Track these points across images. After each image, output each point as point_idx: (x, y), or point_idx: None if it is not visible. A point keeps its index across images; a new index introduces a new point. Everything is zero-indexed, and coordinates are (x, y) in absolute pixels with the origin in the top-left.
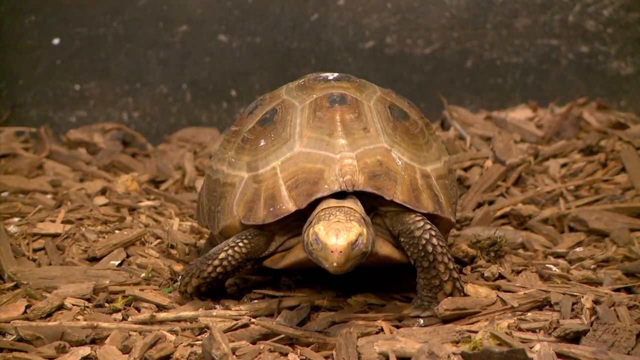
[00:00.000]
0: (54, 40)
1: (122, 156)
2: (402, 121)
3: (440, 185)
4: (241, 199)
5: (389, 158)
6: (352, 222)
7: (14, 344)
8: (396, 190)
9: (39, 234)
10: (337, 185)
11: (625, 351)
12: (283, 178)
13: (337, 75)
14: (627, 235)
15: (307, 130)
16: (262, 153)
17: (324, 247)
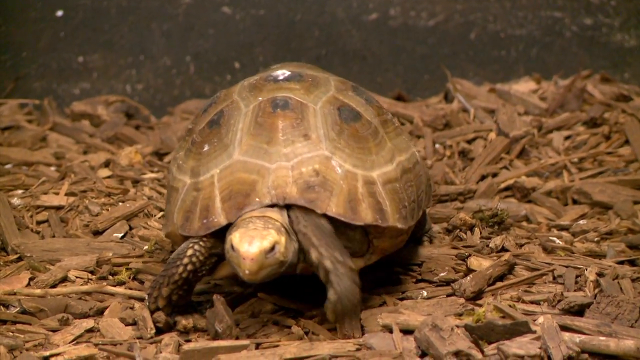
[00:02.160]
0: (57, 12)
1: (125, 128)
2: (350, 123)
3: (388, 191)
4: (181, 207)
5: (328, 167)
6: (269, 230)
7: (18, 316)
8: (330, 203)
9: (43, 206)
10: (268, 199)
11: (629, 324)
12: (219, 188)
13: (289, 75)
14: (630, 207)
15: (247, 137)
16: (205, 159)
17: (237, 253)
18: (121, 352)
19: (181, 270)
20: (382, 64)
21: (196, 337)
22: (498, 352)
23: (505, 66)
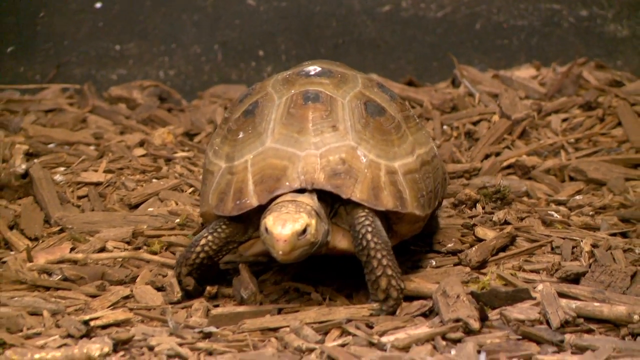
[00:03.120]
0: (96, 4)
1: (158, 111)
2: (376, 117)
3: (408, 180)
4: (216, 189)
5: (354, 156)
6: (300, 214)
7: (60, 283)
8: (355, 189)
9: (83, 182)
10: (298, 183)
11: (621, 291)
12: (252, 172)
13: (320, 70)
14: (622, 184)
15: (279, 126)
16: (239, 145)
17: (271, 235)
18: (154, 317)
19: (194, 256)
20: (394, 52)
21: (223, 303)
22: (501, 317)
23: (507, 54)
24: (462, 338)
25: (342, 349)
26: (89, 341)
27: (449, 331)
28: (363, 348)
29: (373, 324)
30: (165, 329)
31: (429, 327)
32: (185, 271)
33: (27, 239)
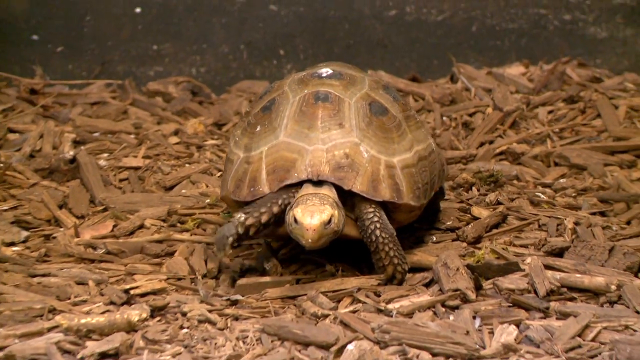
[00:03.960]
0: (136, 9)
1: (191, 104)
2: (379, 116)
3: (405, 174)
4: (234, 176)
5: (357, 151)
6: (325, 206)
7: (103, 256)
8: (356, 181)
9: (124, 167)
10: (305, 174)
11: (600, 263)
12: (266, 163)
13: (331, 73)
14: (601, 169)
15: (292, 122)
16: (256, 137)
17: (300, 226)
18: (186, 286)
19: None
20: (399, 52)
21: (248, 275)
22: (494, 286)
23: (499, 54)
24: (460, 305)
25: (353, 315)
26: (129, 308)
27: (448, 299)
28: (372, 314)
29: (380, 292)
30: (197, 297)
31: (430, 296)
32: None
33: (75, 217)
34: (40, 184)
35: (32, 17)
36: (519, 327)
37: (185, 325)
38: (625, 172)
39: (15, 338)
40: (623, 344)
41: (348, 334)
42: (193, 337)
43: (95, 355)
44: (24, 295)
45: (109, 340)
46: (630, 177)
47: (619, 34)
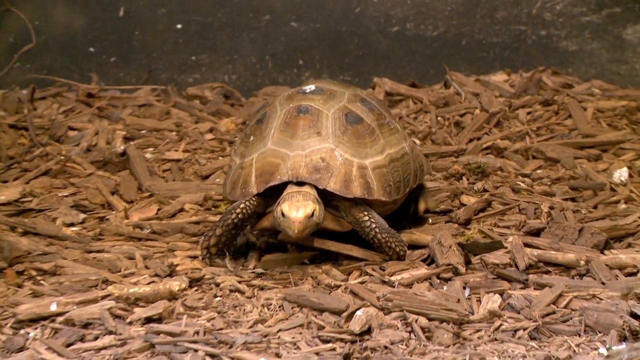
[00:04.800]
0: (177, 25)
1: (224, 106)
2: (354, 125)
3: (376, 174)
4: (231, 180)
5: (332, 156)
6: (308, 201)
7: (149, 235)
8: (330, 181)
9: (167, 159)
10: (286, 177)
11: (571, 242)
12: (255, 168)
13: (314, 89)
14: (572, 161)
15: (277, 132)
16: (250, 146)
17: (287, 219)
18: (218, 263)
19: (234, 216)
20: (401, 62)
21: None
22: (481, 261)
23: (486, 63)
24: (452, 277)
25: (362, 285)
26: (171, 279)
27: (442, 272)
28: (377, 285)
29: (385, 267)
30: (228, 271)
31: (427, 270)
32: (219, 232)
33: (125, 202)
34: (96, 173)
35: (89, 33)
36: (503, 296)
37: (219, 294)
38: (592, 164)
39: (74, 305)
40: (591, 311)
41: (357, 302)
42: (225, 304)
43: (142, 320)
44: (81, 269)
45: (153, 307)
46: (596, 169)
47: (587, 47)
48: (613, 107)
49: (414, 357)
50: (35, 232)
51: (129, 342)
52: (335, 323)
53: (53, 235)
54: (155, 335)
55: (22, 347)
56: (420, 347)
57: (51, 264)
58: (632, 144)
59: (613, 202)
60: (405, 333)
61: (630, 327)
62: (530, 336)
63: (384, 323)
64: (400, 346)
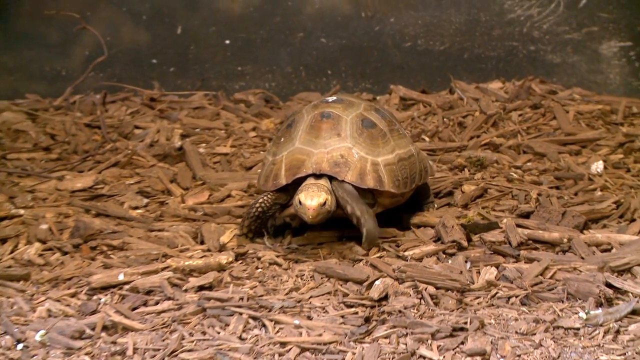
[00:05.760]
0: (226, 41)
1: (264, 108)
2: (368, 129)
3: (387, 170)
4: (264, 174)
5: (349, 153)
6: (321, 192)
7: (201, 217)
8: (347, 174)
9: (217, 153)
10: (311, 170)
11: (555, 223)
12: (285, 163)
13: (335, 99)
14: (556, 155)
15: (304, 133)
16: (280, 146)
17: (303, 206)
18: (258, 241)
19: (254, 210)
20: (413, 72)
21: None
22: (480, 239)
23: (484, 73)
24: (456, 253)
25: (380, 259)
26: (220, 254)
27: (447, 248)
28: (393, 259)
29: (400, 243)
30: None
31: (435, 246)
32: (247, 223)
33: (181, 188)
34: (157, 165)
35: (152, 47)
36: (498, 268)
37: (260, 267)
38: (573, 158)
39: (138, 275)
40: (572, 281)
41: (376, 273)
42: (265, 275)
43: (195, 288)
44: (144, 245)
45: (205, 277)
46: (576, 162)
47: (569, 60)
48: (591, 110)
49: (423, 319)
50: (106, 214)
51: (184, 306)
52: (357, 291)
53: (121, 216)
54: (207, 301)
55: (95, 311)
56: (429, 311)
57: (119, 240)
58: (606, 141)
59: (591, 190)
60: (416, 299)
61: (605, 295)
62: (522, 302)
63: (398, 291)
64: (412, 310)
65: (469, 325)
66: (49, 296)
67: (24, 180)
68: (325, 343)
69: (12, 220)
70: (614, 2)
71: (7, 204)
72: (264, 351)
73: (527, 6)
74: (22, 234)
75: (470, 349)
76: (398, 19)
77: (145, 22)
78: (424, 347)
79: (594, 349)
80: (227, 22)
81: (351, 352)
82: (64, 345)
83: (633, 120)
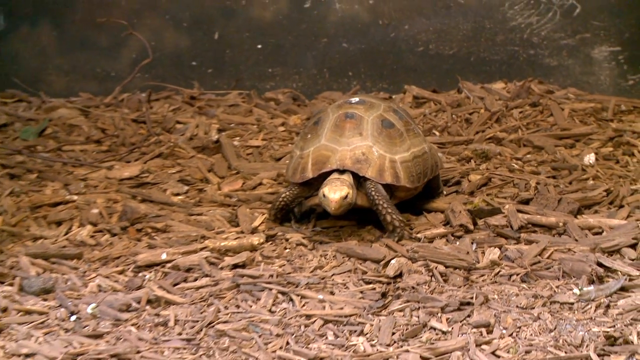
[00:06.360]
0: (258, 46)
1: (292, 106)
2: (387, 129)
3: (403, 166)
4: (292, 166)
5: (370, 151)
6: (344, 186)
7: (236, 203)
8: (368, 170)
9: (249, 145)
10: (335, 166)
11: (552, 209)
12: (311, 158)
13: (357, 100)
14: (553, 148)
15: (329, 132)
16: (308, 142)
17: (327, 198)
18: (286, 225)
19: (278, 203)
20: (425, 74)
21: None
22: (484, 223)
23: (489, 75)
24: (463, 235)
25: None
26: (252, 236)
27: (455, 231)
28: (407, 240)
29: (413, 227)
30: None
31: (444, 229)
32: (272, 213)
33: (218, 177)
34: (196, 156)
35: (192, 51)
36: (501, 249)
37: (287, 247)
38: (568, 151)
39: (179, 254)
40: (567, 261)
41: (391, 253)
42: (292, 255)
43: (230, 266)
44: (184, 227)
45: (239, 256)
46: (571, 154)
47: (564, 63)
48: (584, 108)
49: (434, 295)
50: (150, 200)
51: (220, 282)
52: (375, 269)
53: (164, 202)
54: (240, 277)
55: (140, 286)
56: (438, 287)
57: (162, 223)
58: (597, 136)
59: (584, 179)
60: (428, 277)
61: (597, 273)
62: (522, 280)
63: (411, 269)
64: (424, 287)
65: (475, 300)
66: (99, 273)
67: (78, 170)
68: (346, 315)
69: (67, 205)
70: (605, 12)
71: (62, 191)
72: (291, 323)
73: (527, 15)
74: (75, 218)
75: (476, 321)
76: (411, 26)
77: (185, 29)
78: (434, 319)
79: (586, 321)
80: (259, 29)
81: (369, 323)
82: (113, 317)
83: (621, 117)
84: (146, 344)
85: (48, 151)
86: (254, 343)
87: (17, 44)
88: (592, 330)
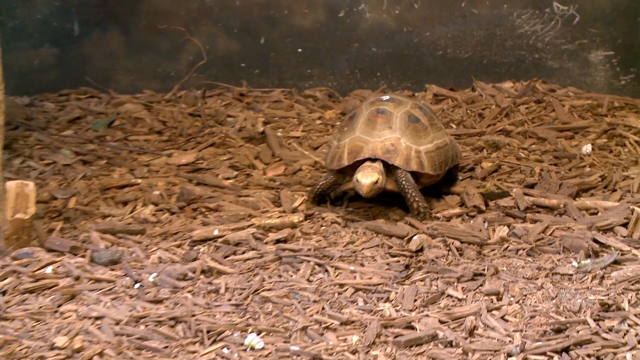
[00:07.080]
0: (298, 49)
1: (328, 102)
2: (413, 123)
3: (427, 156)
4: (330, 155)
5: (398, 142)
6: (374, 173)
7: (278, 186)
8: (396, 159)
9: (291, 136)
10: (368, 154)
11: (554, 192)
12: (347, 148)
13: (388, 98)
14: (555, 140)
15: (362, 125)
16: (344, 134)
17: (359, 183)
18: (322, 206)
19: (316, 189)
20: (443, 74)
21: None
22: (495, 204)
23: (499, 75)
24: (476, 215)
25: (416, 220)
26: (293, 215)
27: (470, 211)
28: (427, 220)
29: (433, 207)
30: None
31: (460, 209)
32: (311, 196)
33: (263, 164)
34: (244, 145)
35: (241, 54)
36: (509, 227)
37: (323, 225)
38: (568, 142)
39: (229, 231)
40: (567, 237)
41: (414, 230)
42: (327, 231)
43: (273, 241)
44: (234, 207)
45: (281, 233)
46: (570, 145)
47: (565, 66)
48: (582, 104)
49: (451, 267)
50: (204, 183)
51: (265, 255)
52: (399, 244)
53: (216, 185)
54: (282, 251)
55: (195, 258)
56: (455, 260)
57: (215, 204)
58: (594, 129)
59: (581, 167)
60: (445, 251)
61: (593, 248)
62: (527, 254)
63: (431, 244)
64: (442, 259)
65: (486, 271)
66: (159, 247)
67: (141, 157)
68: (374, 284)
69: (132, 188)
70: (600, 21)
71: (128, 175)
72: (326, 290)
73: (532, 23)
74: (139, 198)
75: (487, 289)
76: (432, 33)
77: (236, 35)
78: (451, 288)
79: (583, 290)
80: (299, 35)
81: (394, 291)
82: (171, 285)
83: (615, 113)
84: (200, 308)
85: (116, 141)
86: (294, 308)
87: (89, 47)
88: (588, 298)
